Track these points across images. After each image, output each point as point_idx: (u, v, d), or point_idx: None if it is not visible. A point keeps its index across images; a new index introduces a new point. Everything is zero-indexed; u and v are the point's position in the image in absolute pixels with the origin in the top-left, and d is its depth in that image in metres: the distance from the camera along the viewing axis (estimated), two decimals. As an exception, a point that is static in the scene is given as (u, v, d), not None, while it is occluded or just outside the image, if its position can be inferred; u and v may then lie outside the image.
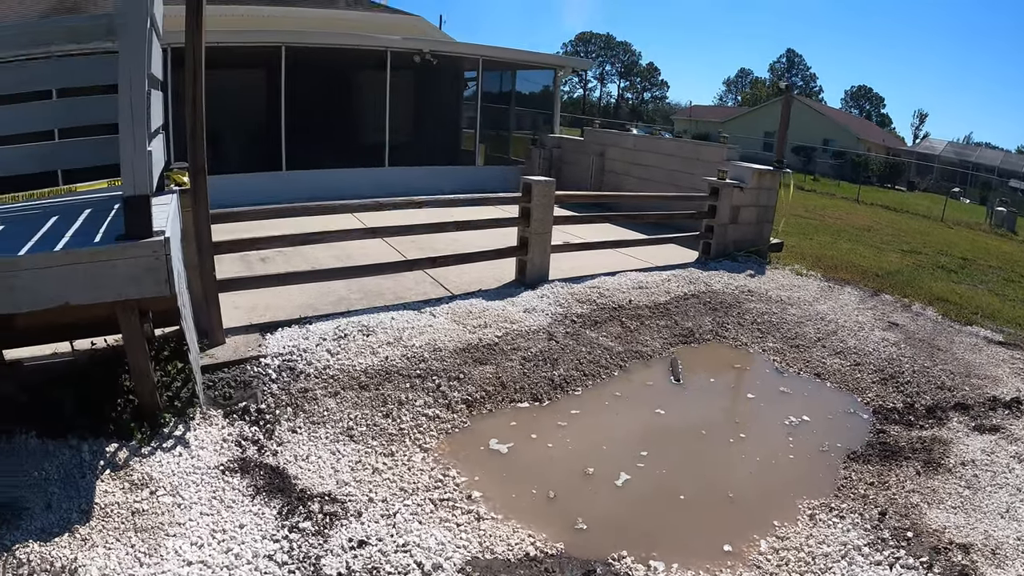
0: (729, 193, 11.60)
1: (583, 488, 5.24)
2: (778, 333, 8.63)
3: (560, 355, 7.26)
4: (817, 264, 12.42)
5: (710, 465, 5.76)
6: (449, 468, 5.18)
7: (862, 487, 5.53)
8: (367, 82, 17.86)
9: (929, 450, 6.15)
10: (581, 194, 13.24)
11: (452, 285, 8.93)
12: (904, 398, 7.27)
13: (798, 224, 18.24)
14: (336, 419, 5.59)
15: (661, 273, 10.30)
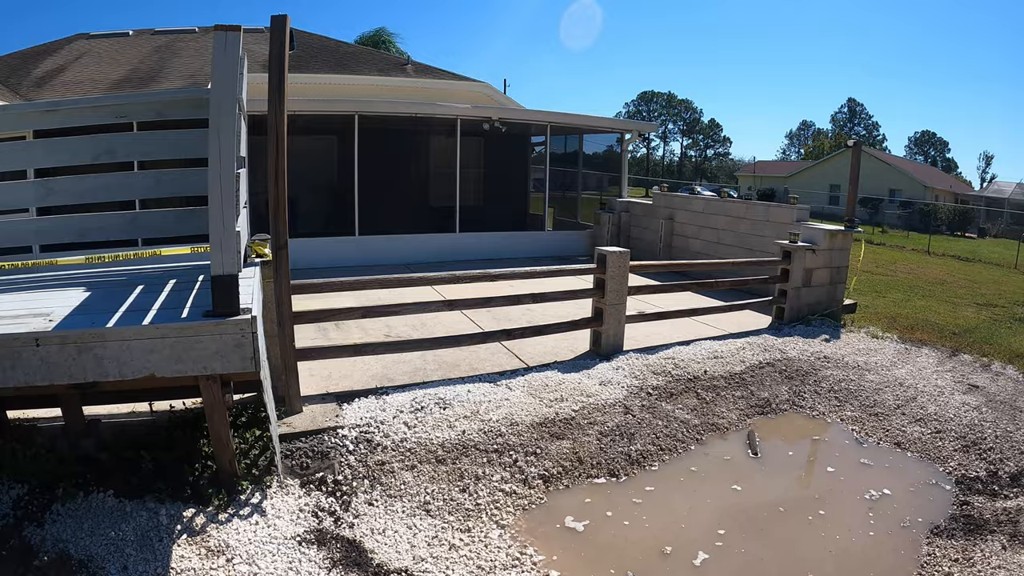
0: (802, 256, 11.42)
1: (661, 568, 5.09)
2: (856, 401, 8.39)
3: (636, 429, 7.14)
4: (892, 325, 12.06)
5: (790, 544, 5.58)
6: (526, 546, 5.09)
7: (946, 564, 5.30)
8: (438, 148, 18.25)
9: (1015, 522, 5.88)
10: (656, 264, 13.19)
11: (527, 356, 8.91)
12: (987, 466, 6.96)
13: (870, 281, 17.81)
14: (413, 493, 5.54)
15: (736, 341, 10.14)
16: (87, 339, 3.89)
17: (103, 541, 4.44)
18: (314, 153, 17.15)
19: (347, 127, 15.67)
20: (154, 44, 22.47)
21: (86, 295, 4.66)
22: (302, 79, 19.16)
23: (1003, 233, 48.54)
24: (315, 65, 21.52)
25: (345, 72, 21.48)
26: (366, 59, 24.90)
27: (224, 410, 4.77)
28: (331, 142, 17.20)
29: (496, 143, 19.50)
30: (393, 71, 23.32)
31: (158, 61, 20.37)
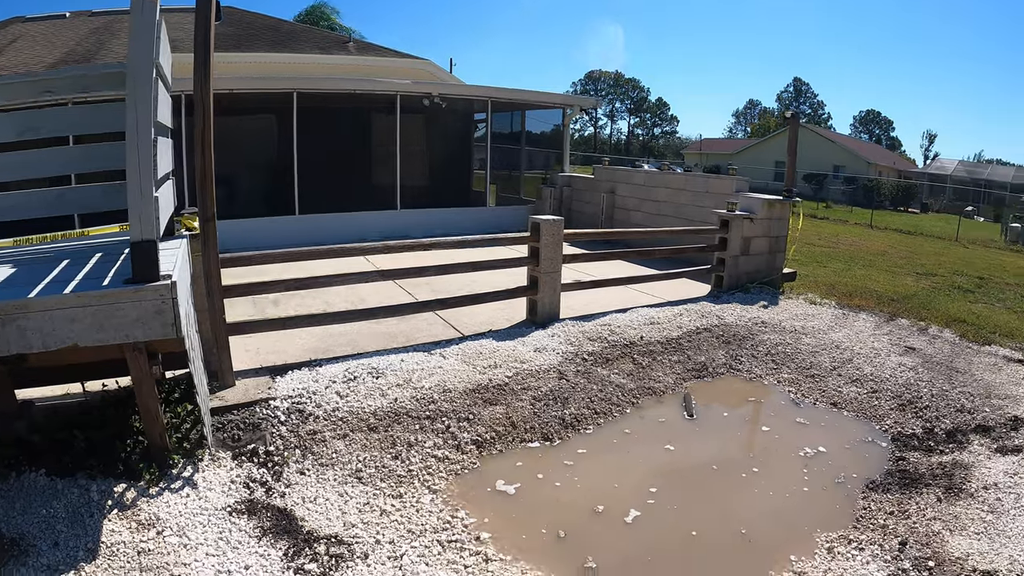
0: (739, 225, 11.57)
1: (593, 527, 5.14)
2: (793, 364, 8.51)
3: (571, 394, 7.20)
4: (831, 292, 12.29)
5: (723, 500, 5.64)
6: (458, 509, 5.13)
7: (881, 517, 5.39)
8: (378, 126, 18.11)
9: (950, 475, 6.01)
10: (590, 232, 13.24)
11: (463, 326, 8.93)
12: (923, 423, 7.12)
13: (811, 252, 18.13)
14: (345, 461, 5.57)
15: (673, 308, 10.23)
16: (10, 311, 3.93)
17: (34, 519, 4.40)
18: (254, 133, 16.95)
19: (286, 106, 15.48)
20: (91, 26, 21.96)
21: (11, 271, 4.66)
22: (242, 58, 18.89)
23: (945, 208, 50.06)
24: (256, 44, 21.20)
25: (286, 51, 21.30)
26: (307, 37, 24.72)
27: (152, 382, 4.77)
28: (271, 121, 16.93)
29: (438, 120, 19.46)
30: (334, 49, 23.13)
31: (96, 43, 19.86)
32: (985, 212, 49.31)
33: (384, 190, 17.42)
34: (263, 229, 14.94)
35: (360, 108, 17.68)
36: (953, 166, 65.35)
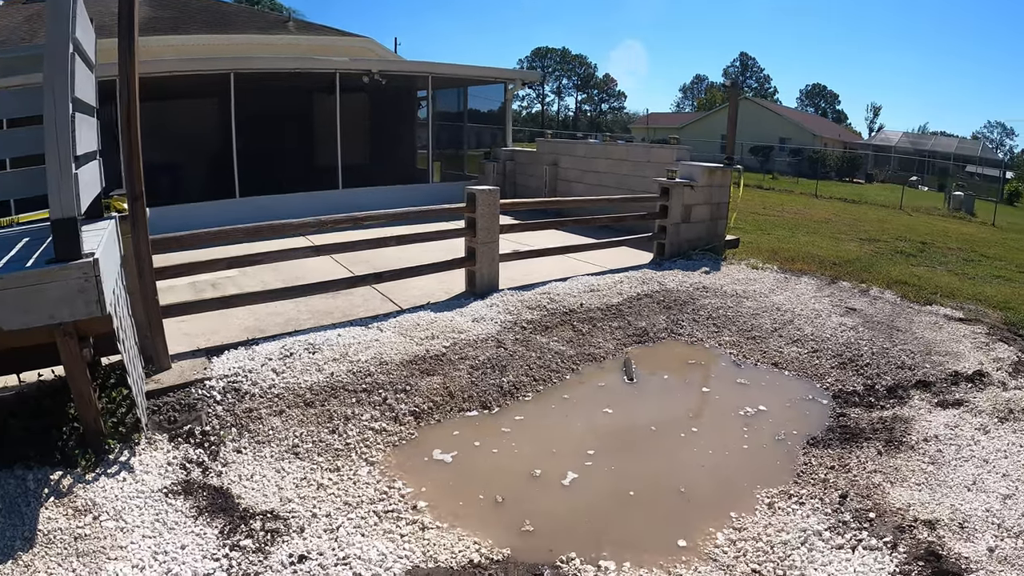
0: (680, 192, 11.64)
1: (530, 491, 5.16)
2: (734, 327, 8.59)
3: (509, 362, 7.20)
4: (773, 257, 12.43)
5: (661, 460, 5.68)
6: (395, 480, 5.13)
7: (822, 472, 5.46)
8: (319, 106, 17.94)
9: (890, 429, 6.11)
10: (529, 201, 13.18)
11: (401, 300, 8.86)
12: (864, 380, 7.24)
13: (755, 221, 18.32)
14: (281, 437, 5.55)
15: (614, 275, 10.27)
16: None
17: (-31, 511, 4.31)
18: (193, 116, 16.65)
19: (224, 88, 15.13)
20: (25, 13, 21.25)
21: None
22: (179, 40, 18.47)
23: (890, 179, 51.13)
24: (193, 26, 20.73)
25: (225, 32, 20.85)
26: (246, 18, 24.28)
27: (83, 366, 4.70)
28: (210, 104, 16.59)
29: (381, 98, 19.31)
30: (274, 29, 22.78)
31: (29, 31, 19.20)
32: (929, 182, 50.53)
33: (326, 170, 17.24)
34: (204, 213, 14.61)
35: (300, 88, 17.49)
36: (898, 138, 66.86)
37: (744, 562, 4.38)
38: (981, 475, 5.40)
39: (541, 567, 4.24)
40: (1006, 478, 5.39)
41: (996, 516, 4.86)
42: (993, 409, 6.55)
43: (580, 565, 4.28)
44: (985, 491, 5.18)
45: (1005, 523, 4.78)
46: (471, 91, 21.07)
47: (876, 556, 4.39)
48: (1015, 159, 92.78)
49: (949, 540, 4.56)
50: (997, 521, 4.81)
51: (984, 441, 5.95)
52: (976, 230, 22.58)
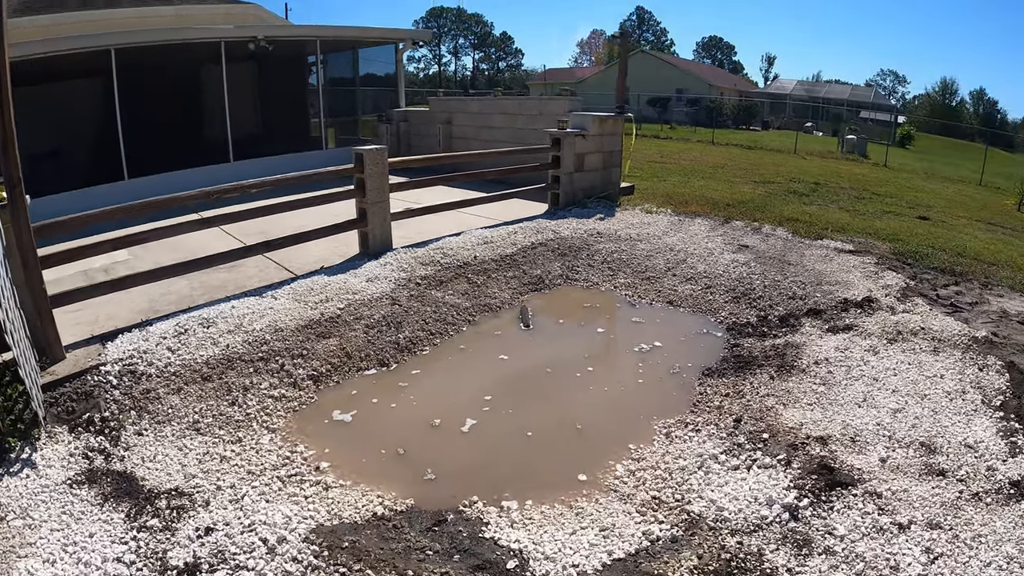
0: (572, 142, 11.80)
1: (430, 441, 5.25)
2: (628, 269, 8.80)
3: (404, 318, 7.25)
4: (668, 202, 12.72)
5: (559, 400, 5.83)
6: (297, 445, 5.16)
7: (717, 399, 5.69)
8: (206, 77, 17.35)
9: (782, 355, 6.39)
10: (416, 159, 13.11)
11: (296, 267, 8.77)
12: (757, 312, 7.53)
13: (652, 169, 18.66)
14: (181, 415, 5.51)
15: (508, 227, 10.37)
16: None
17: None
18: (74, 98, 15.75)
19: (105, 66, 14.43)
20: None
21: None
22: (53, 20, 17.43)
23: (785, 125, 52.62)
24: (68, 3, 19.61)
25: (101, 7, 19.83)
26: None
27: None
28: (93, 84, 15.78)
29: (270, 66, 18.83)
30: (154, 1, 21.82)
31: None
32: (824, 128, 52.29)
33: (216, 143, 16.80)
34: (92, 198, 14.01)
35: (185, 60, 16.85)
36: (792, 86, 68.99)
37: (644, 490, 4.57)
38: (871, 392, 5.72)
39: (445, 513, 4.33)
40: (896, 394, 5.73)
41: (887, 429, 5.18)
42: (882, 332, 6.90)
43: (483, 507, 4.39)
44: (876, 407, 5.50)
45: (896, 435, 5.11)
46: (363, 54, 20.82)
47: (770, 473, 4.62)
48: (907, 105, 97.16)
49: (841, 454, 4.83)
50: (888, 433, 5.13)
51: (874, 361, 6.29)
52: (868, 171, 23.50)
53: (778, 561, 3.84)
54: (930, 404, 5.62)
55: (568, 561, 3.90)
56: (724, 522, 4.20)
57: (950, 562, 3.87)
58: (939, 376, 6.10)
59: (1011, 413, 5.59)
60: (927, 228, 12.48)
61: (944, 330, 7.00)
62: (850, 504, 4.33)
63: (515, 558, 3.93)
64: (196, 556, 3.92)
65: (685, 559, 3.89)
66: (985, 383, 6.06)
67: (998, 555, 3.94)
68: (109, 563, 3.91)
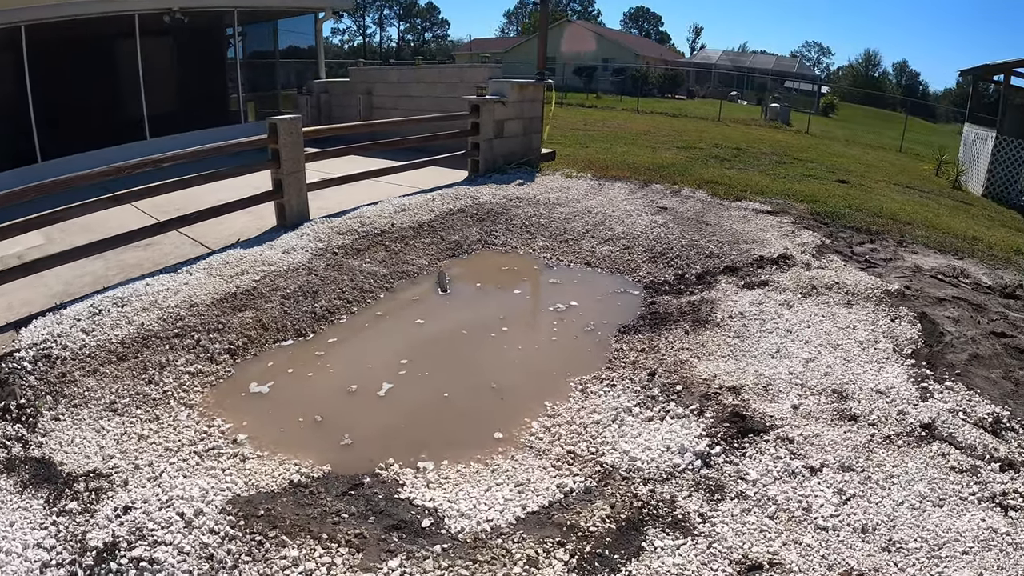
0: (490, 108, 11.79)
1: (347, 407, 5.27)
2: (547, 232, 8.88)
3: (321, 288, 7.21)
4: (589, 167, 12.85)
5: (475, 361, 5.90)
6: (214, 419, 5.12)
7: (632, 355, 5.80)
8: (120, 53, 16.83)
9: (698, 311, 6.53)
10: (331, 127, 12.95)
11: (212, 242, 8.61)
12: (674, 271, 7.67)
13: (575, 136, 18.81)
14: (98, 397, 5.41)
15: (426, 194, 10.35)
16: None
17: None
18: None
19: (16, 43, 13.88)
20: None
21: None
22: None
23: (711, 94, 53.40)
24: None
25: None
26: None
27: None
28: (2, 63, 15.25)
29: (187, 39, 18.29)
30: None
31: None
32: (748, 97, 53.47)
33: (132, 121, 16.26)
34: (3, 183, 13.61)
35: (98, 35, 16.30)
36: (718, 56, 70.03)
37: (559, 445, 4.64)
38: (785, 344, 5.89)
39: (362, 476, 4.35)
40: (808, 344, 5.91)
41: (799, 378, 5.35)
42: (797, 286, 7.09)
43: (399, 469, 4.41)
44: (789, 357, 5.66)
45: (808, 383, 5.29)
46: (283, 25, 20.37)
47: (683, 423, 4.73)
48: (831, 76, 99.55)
49: (754, 402, 4.97)
50: (800, 382, 5.30)
51: (788, 314, 6.47)
52: (791, 137, 23.98)
53: (690, 507, 3.94)
54: (842, 353, 5.81)
55: (483, 517, 3.95)
56: (637, 472, 4.28)
57: (862, 502, 4.02)
58: (852, 327, 6.30)
59: (922, 360, 5.83)
60: (845, 190, 12.81)
61: (858, 284, 7.22)
62: (762, 450, 4.45)
63: (430, 516, 3.96)
64: (115, 535, 3.89)
65: (598, 508, 3.96)
66: (897, 333, 6.29)
67: (910, 494, 4.11)
68: (29, 549, 3.86)
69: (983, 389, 5.49)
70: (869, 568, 3.56)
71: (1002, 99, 19.89)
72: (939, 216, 12.10)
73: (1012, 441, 4.84)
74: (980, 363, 5.98)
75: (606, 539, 3.74)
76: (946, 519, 3.95)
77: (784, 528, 3.80)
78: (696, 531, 3.77)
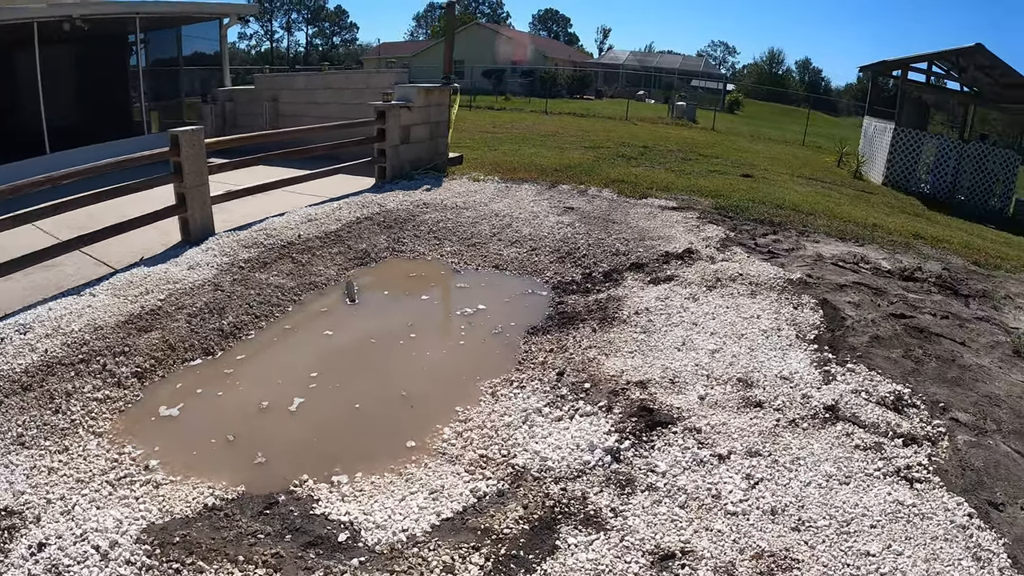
0: (396, 114, 11.76)
1: (259, 424, 5.18)
2: (454, 237, 8.90)
3: (228, 304, 7.07)
4: (496, 170, 12.91)
5: (385, 370, 5.87)
6: (125, 446, 4.97)
7: (541, 356, 5.85)
8: (17, 62, 16.24)
9: (604, 309, 6.62)
10: (234, 138, 12.72)
11: (116, 260, 8.32)
12: (582, 270, 7.77)
13: (483, 139, 18.85)
14: (5, 430, 5.17)
15: (333, 203, 10.27)
16: None
17: None
18: None
19: None
20: None
21: None
22: None
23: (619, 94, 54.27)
24: None
25: None
26: None
27: None
28: None
29: (88, 47, 17.75)
30: None
31: None
32: (656, 95, 54.44)
33: (31, 134, 15.67)
34: None
35: None
36: (625, 56, 71.13)
37: (471, 450, 4.65)
38: (691, 336, 6.02)
39: (276, 495, 4.29)
40: (714, 336, 6.06)
41: (705, 369, 5.50)
42: (701, 280, 7.25)
43: (313, 485, 4.37)
44: (695, 349, 5.80)
45: (714, 373, 5.44)
46: (187, 32, 19.80)
47: (592, 420, 4.80)
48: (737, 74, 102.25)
49: (661, 395, 5.08)
50: (706, 373, 5.45)
51: (693, 308, 6.61)
52: (697, 134, 24.48)
53: (602, 502, 4.00)
54: (747, 343, 5.97)
55: (398, 527, 3.94)
56: (548, 471, 4.32)
57: (771, 485, 4.14)
58: (756, 316, 6.48)
59: (825, 345, 6.03)
60: (749, 184, 13.13)
61: (761, 275, 7.42)
62: (670, 441, 4.55)
63: (346, 530, 3.94)
64: (31, 574, 3.77)
65: (511, 510, 3.99)
66: (800, 320, 6.49)
67: (817, 474, 4.26)
68: (-58, 599, 3.71)
69: (884, 369, 5.72)
70: (780, 548, 3.67)
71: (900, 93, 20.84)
72: (840, 205, 12.49)
73: (914, 417, 5.07)
74: (881, 344, 6.21)
75: (520, 540, 3.77)
76: (853, 495, 4.11)
77: (695, 516, 3.89)
78: (608, 526, 3.83)
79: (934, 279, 8.21)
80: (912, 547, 3.73)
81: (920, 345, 6.30)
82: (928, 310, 7.18)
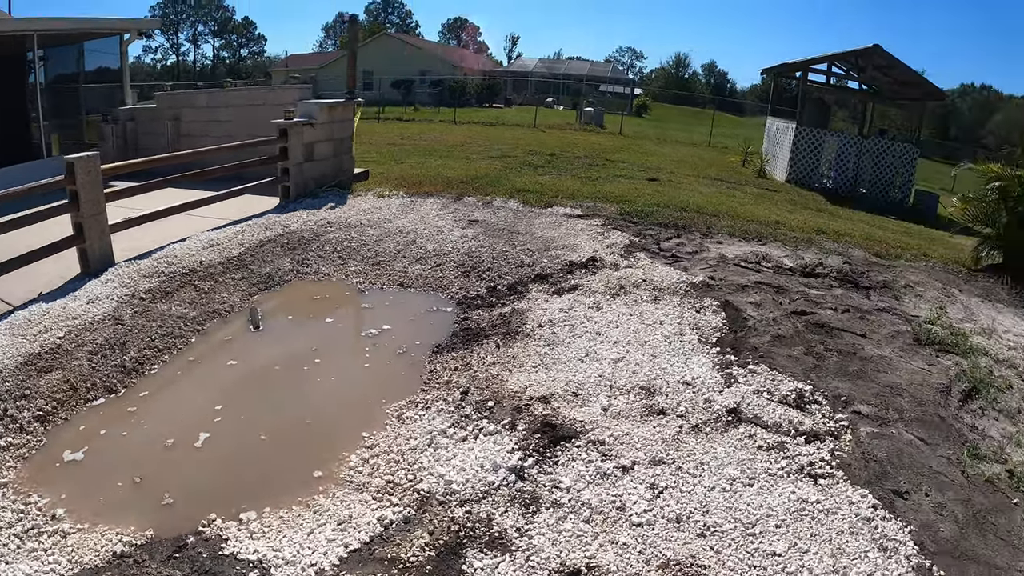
0: (299, 131, 11.59)
1: (165, 463, 5.04)
2: (359, 256, 8.82)
3: (129, 338, 6.83)
4: (402, 184, 12.83)
5: (289, 399, 5.79)
6: (30, 495, 4.75)
7: (446, 375, 5.83)
8: None
9: (508, 323, 6.63)
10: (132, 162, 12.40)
11: (14, 298, 7.97)
12: (487, 284, 7.79)
13: (391, 152, 18.72)
14: None
15: (236, 226, 10.04)
16: None
17: None
18: None
19: None
20: None
21: None
22: None
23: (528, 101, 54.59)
24: None
25: None
26: None
27: None
28: None
29: None
30: None
31: None
32: (564, 102, 55.09)
33: None
34: None
35: None
36: (534, 64, 71.90)
37: (378, 476, 4.60)
38: (594, 347, 6.07)
39: (185, 536, 4.18)
40: (617, 344, 6.13)
41: (608, 379, 5.54)
42: (605, 288, 7.33)
43: (222, 524, 4.27)
44: (598, 360, 5.84)
45: (617, 383, 5.49)
46: (91, 47, 19.09)
47: (496, 439, 4.80)
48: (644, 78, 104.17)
49: (564, 409, 5.10)
50: (609, 383, 5.49)
51: (597, 317, 6.67)
52: (604, 139, 24.80)
53: (507, 523, 3.99)
54: (650, 350, 6.04)
55: (307, 561, 3.88)
56: (453, 495, 4.30)
57: (675, 493, 4.20)
58: (659, 322, 6.56)
59: (727, 347, 6.15)
60: (655, 188, 13.34)
61: (664, 280, 7.53)
62: (574, 456, 4.57)
63: (255, 569, 3.86)
64: None
65: (417, 537, 3.96)
66: (702, 323, 6.60)
67: (721, 478, 4.33)
68: None
69: (786, 367, 5.85)
70: (686, 556, 3.72)
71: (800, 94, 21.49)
72: (744, 205, 12.77)
73: (816, 413, 5.21)
74: (782, 343, 6.35)
75: (426, 568, 3.74)
76: (757, 497, 4.19)
77: (600, 530, 3.92)
78: (514, 546, 3.83)
79: (835, 273, 8.45)
80: (818, 544, 3.82)
81: (822, 341, 6.47)
82: (829, 305, 7.38)
